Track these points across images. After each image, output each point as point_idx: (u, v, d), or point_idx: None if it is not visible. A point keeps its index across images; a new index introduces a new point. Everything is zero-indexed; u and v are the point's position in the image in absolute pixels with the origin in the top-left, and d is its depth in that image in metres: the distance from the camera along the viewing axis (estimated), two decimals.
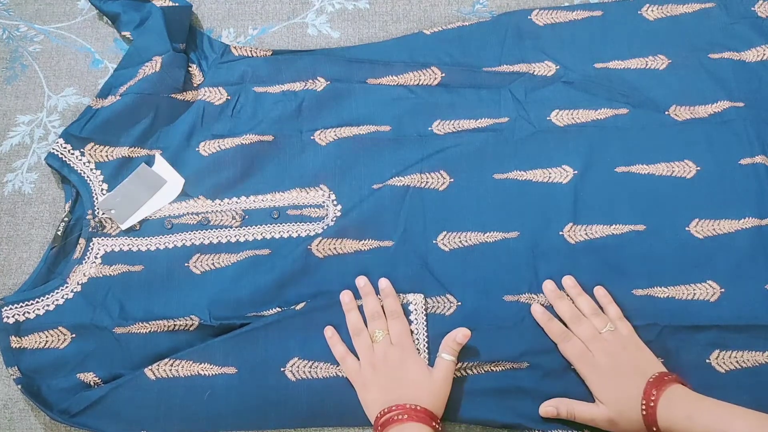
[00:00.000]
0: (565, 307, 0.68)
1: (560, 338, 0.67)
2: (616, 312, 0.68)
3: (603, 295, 0.69)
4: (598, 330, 0.66)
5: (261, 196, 0.76)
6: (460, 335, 0.67)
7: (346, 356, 0.68)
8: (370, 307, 0.69)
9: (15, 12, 0.87)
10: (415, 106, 0.78)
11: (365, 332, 0.68)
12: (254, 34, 0.85)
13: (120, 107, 0.77)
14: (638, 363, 0.64)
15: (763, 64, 0.77)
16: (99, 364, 0.72)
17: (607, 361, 0.64)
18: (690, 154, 0.74)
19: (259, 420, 0.69)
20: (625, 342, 0.65)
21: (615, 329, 0.66)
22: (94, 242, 0.75)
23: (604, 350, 0.64)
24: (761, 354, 0.68)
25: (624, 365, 0.64)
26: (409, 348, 0.67)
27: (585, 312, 0.68)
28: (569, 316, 0.68)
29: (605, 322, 0.66)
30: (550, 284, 0.70)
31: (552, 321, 0.68)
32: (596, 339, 0.65)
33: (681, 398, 0.60)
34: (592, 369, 0.64)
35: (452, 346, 0.67)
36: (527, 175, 0.75)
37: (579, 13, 0.81)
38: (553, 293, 0.69)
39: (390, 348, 0.67)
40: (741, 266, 0.70)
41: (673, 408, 0.59)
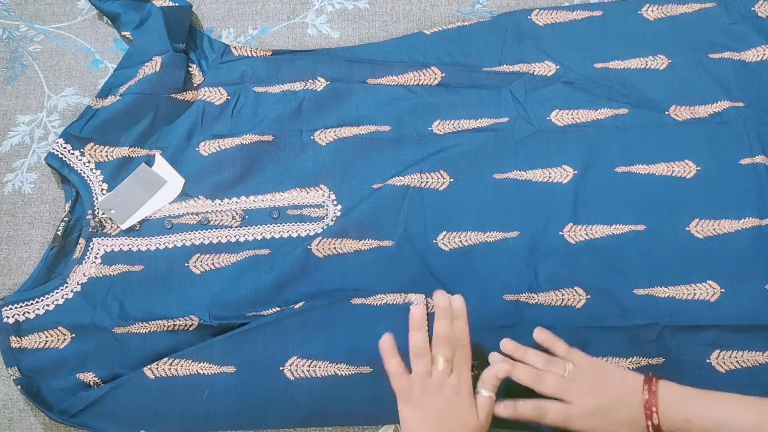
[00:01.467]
0: (522, 372, 0.64)
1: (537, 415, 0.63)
2: (563, 348, 0.65)
3: (544, 338, 0.66)
4: (562, 375, 0.63)
5: (261, 196, 0.76)
6: (501, 371, 0.63)
7: (401, 373, 0.63)
8: (444, 332, 0.64)
9: (15, 12, 0.87)
10: (415, 106, 0.78)
11: (428, 357, 0.63)
12: (254, 34, 0.85)
13: (120, 107, 0.77)
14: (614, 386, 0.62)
15: (763, 64, 0.77)
16: (99, 364, 0.72)
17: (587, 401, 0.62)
18: (690, 154, 0.74)
19: (258, 419, 0.69)
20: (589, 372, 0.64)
21: (573, 366, 0.64)
22: (94, 242, 0.75)
23: (579, 393, 0.62)
24: (761, 354, 0.68)
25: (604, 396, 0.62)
26: (466, 382, 0.63)
27: (539, 366, 0.65)
28: (531, 379, 0.64)
29: (563, 365, 0.64)
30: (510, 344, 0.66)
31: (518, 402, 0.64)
32: (566, 387, 0.63)
33: (675, 402, 0.60)
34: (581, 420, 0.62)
35: (492, 382, 0.64)
36: (527, 175, 0.75)
37: (579, 13, 0.81)
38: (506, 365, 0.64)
39: (447, 380, 0.63)
40: (741, 266, 0.70)
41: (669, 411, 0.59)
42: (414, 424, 0.62)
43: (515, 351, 0.66)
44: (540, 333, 0.67)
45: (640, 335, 0.68)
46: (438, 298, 0.65)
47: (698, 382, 0.63)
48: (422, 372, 0.63)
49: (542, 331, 0.67)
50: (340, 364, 0.69)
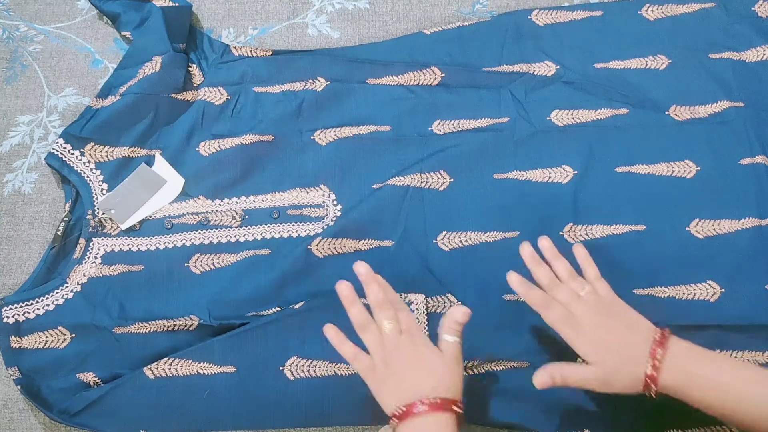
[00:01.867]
0: (542, 272, 0.66)
1: (541, 306, 0.64)
2: (594, 272, 0.66)
3: (583, 256, 0.67)
4: (577, 293, 0.64)
5: (261, 196, 0.76)
6: (459, 314, 0.62)
7: (358, 354, 0.62)
8: (376, 296, 0.63)
9: (15, 12, 0.87)
10: (415, 106, 0.78)
11: (373, 325, 0.62)
12: (254, 34, 0.85)
13: (120, 107, 0.77)
14: (625, 320, 0.63)
15: (763, 64, 0.77)
16: (99, 364, 0.72)
17: (591, 322, 0.62)
18: (690, 154, 0.74)
19: (258, 419, 0.69)
20: (605, 301, 0.64)
21: (594, 291, 0.64)
22: (94, 242, 0.75)
23: (586, 312, 0.62)
24: (761, 354, 0.68)
25: (609, 324, 0.62)
26: (419, 334, 0.63)
27: (562, 276, 0.66)
28: (547, 282, 0.65)
29: (583, 284, 0.64)
30: (527, 248, 0.67)
31: (532, 290, 0.65)
32: (577, 301, 0.63)
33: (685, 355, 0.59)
34: (577, 331, 0.62)
35: (453, 327, 0.63)
36: (527, 175, 0.75)
37: (579, 13, 0.81)
38: (532, 258, 0.66)
39: (400, 338, 0.62)
40: (741, 266, 0.71)
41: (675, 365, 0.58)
42: (389, 396, 0.61)
43: (549, 250, 0.67)
44: (579, 249, 0.67)
45: None
46: (359, 268, 0.63)
47: None
48: (374, 341, 0.62)
49: (581, 247, 0.67)
50: (340, 364, 0.69)
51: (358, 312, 0.63)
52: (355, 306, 0.63)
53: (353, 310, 0.63)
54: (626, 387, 0.60)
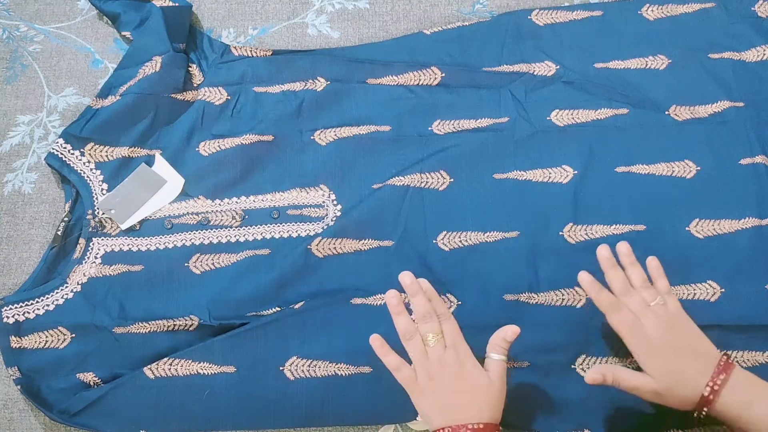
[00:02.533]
0: (616, 277, 0.65)
1: (610, 308, 0.63)
2: (665, 286, 0.65)
3: (655, 267, 0.66)
4: (648, 303, 0.63)
5: (261, 196, 0.76)
6: (509, 333, 0.62)
7: (401, 366, 0.63)
8: (422, 308, 0.64)
9: (15, 12, 0.87)
10: (415, 106, 0.78)
11: (418, 336, 0.63)
12: (254, 34, 0.85)
13: (120, 107, 0.77)
14: (690, 341, 0.62)
15: (763, 64, 0.77)
16: (99, 364, 0.72)
17: (658, 334, 0.62)
18: (690, 154, 0.74)
19: (258, 419, 0.69)
20: (673, 317, 0.63)
21: (665, 303, 0.64)
22: (94, 242, 0.75)
23: (655, 324, 0.62)
24: (761, 354, 0.68)
25: (675, 341, 0.62)
26: (465, 350, 0.63)
27: (635, 283, 0.65)
28: (619, 286, 0.65)
29: (655, 296, 0.64)
30: (605, 250, 0.66)
31: (602, 291, 0.64)
32: (647, 312, 0.63)
33: (744, 385, 0.59)
34: (643, 340, 0.62)
35: (501, 345, 0.62)
36: (527, 175, 0.75)
37: (579, 13, 0.81)
38: (609, 261, 0.65)
39: (445, 352, 0.62)
40: (741, 266, 0.70)
41: (734, 392, 0.58)
42: (431, 409, 0.61)
43: (626, 256, 0.66)
44: (653, 261, 0.66)
45: None
46: (404, 279, 0.64)
47: None
48: (418, 353, 0.62)
49: (655, 260, 0.66)
50: (339, 364, 0.69)
51: (404, 322, 0.63)
52: (401, 316, 0.64)
53: (399, 320, 0.64)
54: (678, 404, 0.60)
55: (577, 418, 0.67)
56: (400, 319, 0.64)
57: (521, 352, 0.69)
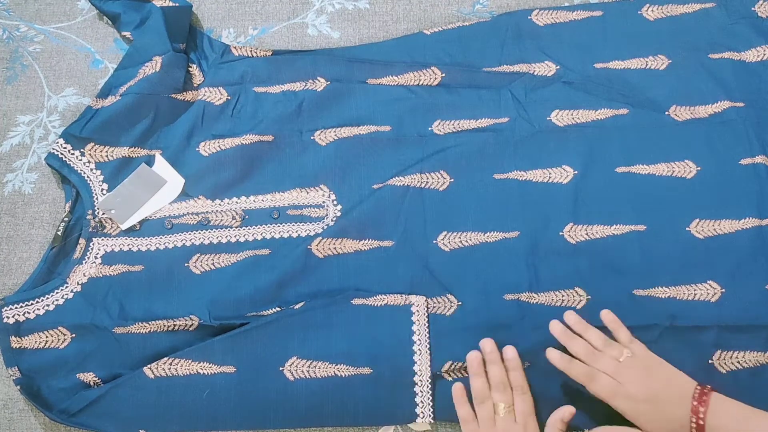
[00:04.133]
0: (579, 346, 0.66)
1: (587, 379, 0.64)
2: (626, 335, 0.66)
3: (611, 320, 0.67)
4: (618, 359, 0.64)
5: (261, 196, 0.76)
6: (567, 414, 0.64)
7: (470, 420, 0.66)
8: (496, 378, 0.66)
9: (15, 12, 0.87)
10: (415, 106, 0.78)
11: (490, 402, 0.66)
12: (254, 34, 0.85)
13: (120, 107, 0.77)
14: (667, 383, 0.63)
15: (763, 64, 0.77)
16: (99, 364, 0.72)
17: (638, 389, 0.62)
18: (690, 154, 0.74)
19: (258, 419, 0.69)
20: (646, 363, 0.64)
21: (632, 353, 0.64)
22: (94, 242, 0.75)
23: (632, 379, 0.63)
24: (762, 354, 0.68)
25: (656, 389, 0.62)
26: (533, 425, 0.65)
27: (597, 345, 0.66)
28: (585, 354, 0.65)
29: (621, 350, 0.65)
30: (557, 326, 0.67)
31: (573, 363, 0.65)
32: (620, 369, 0.63)
33: (726, 411, 0.60)
34: (628, 402, 0.62)
35: (559, 427, 0.64)
36: (527, 175, 0.75)
37: (579, 13, 0.81)
38: (564, 334, 0.67)
39: (513, 426, 0.64)
40: (741, 266, 0.70)
41: (720, 421, 0.59)
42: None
43: (578, 324, 0.67)
44: (607, 315, 0.67)
45: (641, 336, 0.67)
46: (486, 346, 0.67)
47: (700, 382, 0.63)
48: (486, 417, 0.65)
49: (609, 313, 0.67)
50: (339, 365, 0.69)
51: (479, 385, 0.67)
52: (478, 378, 0.67)
53: (475, 382, 0.67)
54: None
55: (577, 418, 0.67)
56: (476, 381, 0.67)
57: (521, 353, 0.69)
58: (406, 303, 0.71)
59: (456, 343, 0.70)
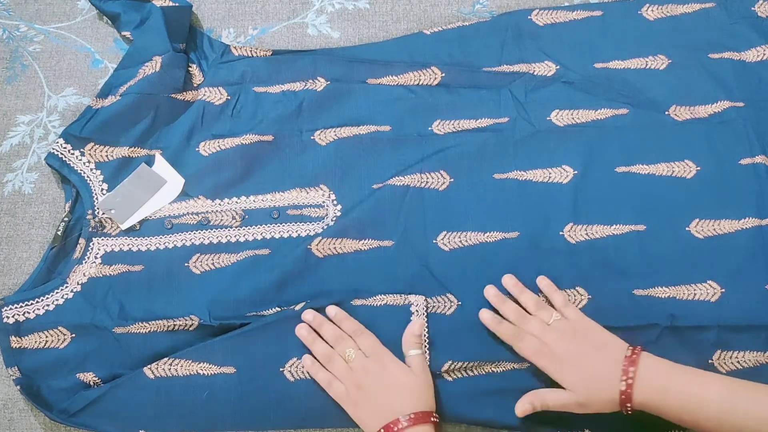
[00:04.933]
0: (509, 309, 0.68)
1: (513, 339, 0.67)
2: (561, 299, 0.68)
3: (546, 285, 0.70)
4: (546, 322, 0.66)
5: (261, 196, 0.76)
6: (416, 327, 0.68)
7: (332, 381, 0.67)
8: (330, 333, 0.69)
9: (15, 12, 0.87)
10: (415, 106, 0.78)
11: (336, 356, 0.68)
12: (254, 34, 0.85)
13: (120, 107, 0.77)
14: (595, 342, 0.64)
15: (763, 64, 0.77)
16: (99, 364, 0.72)
17: (562, 348, 0.64)
18: (690, 154, 0.74)
19: (258, 420, 0.69)
20: (575, 325, 0.66)
21: (562, 317, 0.66)
22: (94, 242, 0.75)
23: (557, 339, 0.65)
24: (762, 354, 0.68)
25: (580, 348, 0.64)
26: (385, 355, 0.67)
27: (530, 308, 0.68)
28: (515, 316, 0.68)
29: (551, 313, 0.67)
30: (491, 289, 0.70)
31: (501, 324, 0.68)
32: (546, 331, 0.66)
33: (655, 370, 0.60)
34: (550, 360, 0.64)
35: (414, 340, 0.68)
36: (527, 175, 0.75)
37: (579, 13, 0.81)
38: (496, 297, 0.69)
39: (366, 361, 0.67)
40: (741, 266, 0.70)
41: (647, 381, 0.60)
42: (367, 416, 0.65)
43: (514, 287, 0.70)
44: (542, 280, 0.70)
45: (641, 336, 0.68)
46: (307, 315, 0.70)
47: None
48: (342, 369, 0.67)
49: (544, 279, 0.70)
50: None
51: (320, 348, 0.69)
52: (316, 343, 0.69)
53: (315, 348, 0.69)
54: (603, 407, 0.62)
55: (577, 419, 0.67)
56: (316, 346, 0.69)
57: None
58: (405, 303, 0.71)
59: (456, 342, 0.70)
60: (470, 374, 0.69)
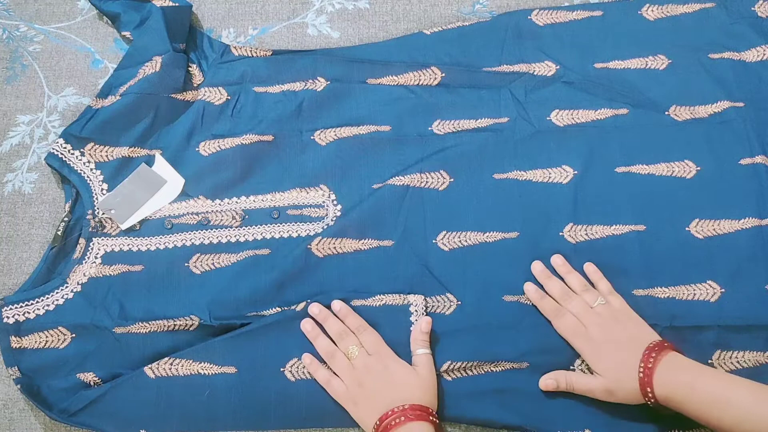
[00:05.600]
0: (555, 286, 0.69)
1: (553, 315, 0.67)
2: (606, 286, 0.69)
3: (593, 272, 0.70)
4: (590, 305, 0.67)
5: (261, 196, 0.76)
6: (424, 324, 0.67)
7: (331, 379, 0.67)
8: (334, 328, 0.68)
9: (15, 12, 0.87)
10: (415, 106, 0.78)
11: (339, 353, 0.67)
12: (254, 34, 0.85)
13: (120, 107, 0.77)
14: (632, 333, 0.65)
15: (763, 64, 0.77)
16: (99, 364, 0.72)
17: (600, 333, 0.64)
18: (690, 154, 0.74)
19: (258, 420, 0.69)
20: (617, 314, 0.66)
21: (606, 302, 0.67)
22: (94, 242, 0.75)
23: (597, 323, 0.65)
24: (762, 354, 0.68)
25: (618, 336, 0.64)
26: (387, 353, 0.67)
27: (575, 288, 0.69)
28: (560, 293, 0.68)
29: (596, 296, 0.67)
30: (538, 265, 0.70)
31: (544, 298, 0.68)
32: (588, 313, 0.66)
33: (682, 366, 0.61)
34: (587, 342, 0.65)
35: (422, 338, 0.67)
36: (527, 175, 0.75)
37: (579, 13, 0.81)
38: (543, 273, 0.70)
39: (369, 359, 0.66)
40: (741, 266, 0.71)
41: (673, 375, 0.60)
42: (366, 414, 0.64)
43: (562, 266, 0.70)
44: (589, 266, 0.70)
45: None
46: (313, 309, 0.69)
47: None
48: (344, 366, 0.66)
49: (591, 265, 0.70)
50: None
51: (323, 344, 0.68)
52: (319, 339, 0.68)
53: (318, 343, 0.68)
54: (628, 397, 0.62)
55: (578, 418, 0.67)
56: (318, 342, 0.68)
57: (521, 353, 0.69)
58: (404, 303, 0.71)
59: (455, 342, 0.70)
60: (470, 374, 0.69)
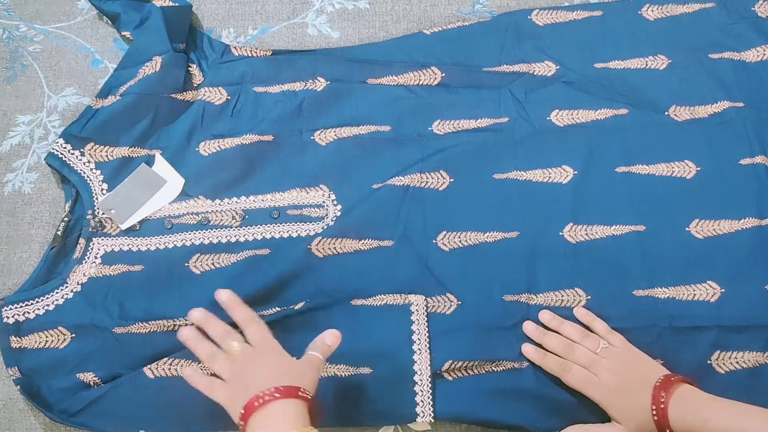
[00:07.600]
0: (553, 341, 0.67)
1: (560, 370, 0.66)
2: (602, 326, 0.68)
3: (584, 314, 0.69)
4: (593, 351, 0.66)
5: (261, 196, 0.76)
6: (328, 337, 0.62)
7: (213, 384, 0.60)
8: (216, 330, 0.62)
9: (15, 12, 0.87)
10: (415, 106, 0.78)
11: (220, 353, 0.61)
12: (254, 34, 0.85)
13: (120, 107, 0.77)
14: (640, 372, 0.64)
15: (763, 64, 0.77)
16: (99, 364, 0.72)
17: (611, 378, 0.63)
18: (690, 154, 0.74)
19: None
20: (622, 354, 0.65)
21: (608, 345, 0.66)
22: (94, 242, 0.75)
23: (607, 369, 0.64)
24: (762, 354, 0.68)
25: (628, 378, 0.63)
26: (272, 345, 0.61)
27: (574, 338, 0.67)
28: (561, 348, 0.67)
29: (597, 341, 0.66)
30: (530, 325, 0.69)
31: (546, 356, 0.67)
32: (596, 361, 0.65)
33: (693, 400, 0.60)
34: (601, 391, 0.64)
35: (321, 347, 0.62)
36: (527, 175, 0.75)
37: (579, 13, 0.81)
38: (537, 331, 0.68)
39: (252, 350, 0.60)
40: (741, 266, 0.70)
41: (686, 410, 0.59)
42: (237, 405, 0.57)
43: (552, 320, 0.68)
44: (579, 311, 0.69)
45: (640, 336, 0.68)
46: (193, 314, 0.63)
47: (698, 383, 0.63)
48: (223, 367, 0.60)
49: (581, 309, 0.69)
50: (339, 365, 0.69)
51: (203, 348, 0.62)
52: (199, 344, 0.62)
53: (198, 349, 0.62)
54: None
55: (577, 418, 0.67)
56: (199, 348, 0.62)
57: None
58: (405, 302, 0.71)
59: (456, 342, 0.70)
60: (470, 374, 0.69)
